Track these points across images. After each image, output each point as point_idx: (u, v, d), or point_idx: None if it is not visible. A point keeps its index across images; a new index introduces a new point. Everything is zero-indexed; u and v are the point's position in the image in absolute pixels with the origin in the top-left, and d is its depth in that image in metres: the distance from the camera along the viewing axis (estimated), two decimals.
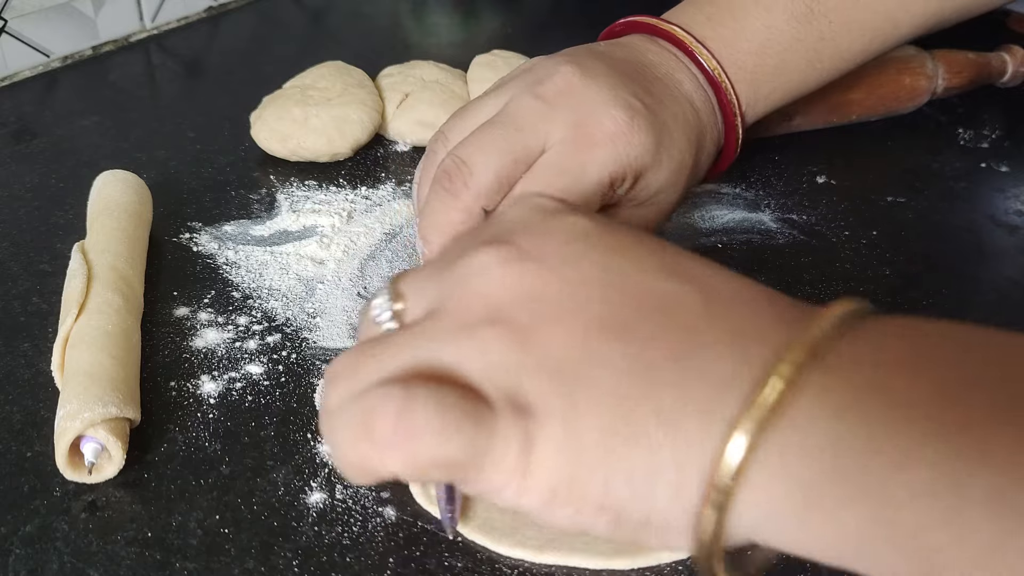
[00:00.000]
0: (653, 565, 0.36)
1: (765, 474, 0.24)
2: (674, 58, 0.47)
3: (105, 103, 0.69)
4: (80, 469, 0.38)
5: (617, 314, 0.27)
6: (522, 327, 0.27)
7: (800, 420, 0.24)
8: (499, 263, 0.28)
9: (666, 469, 0.25)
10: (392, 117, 0.64)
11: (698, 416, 0.25)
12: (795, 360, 0.24)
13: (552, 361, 0.26)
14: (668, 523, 0.26)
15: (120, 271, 0.46)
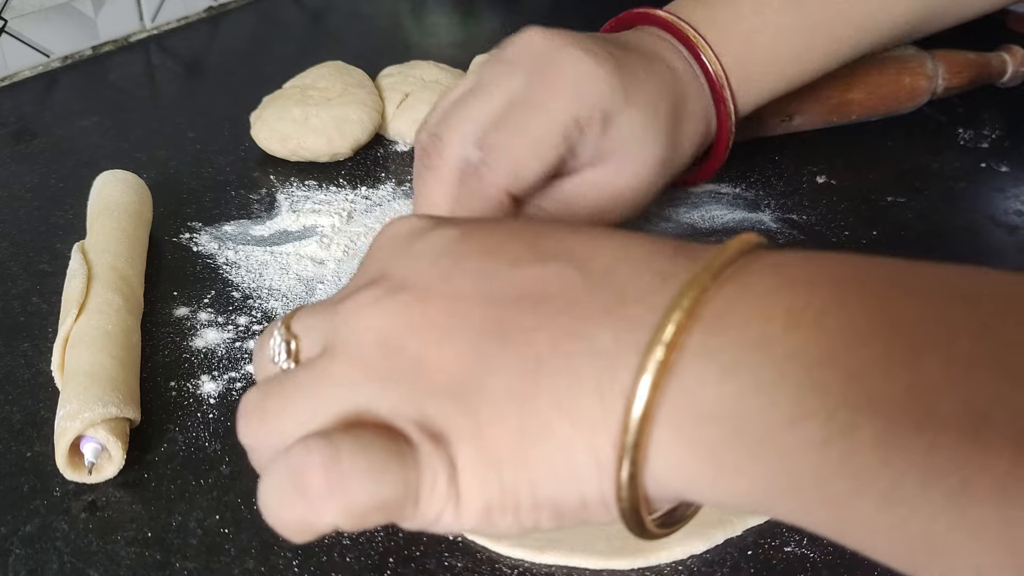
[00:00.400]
0: (653, 565, 0.36)
1: (666, 439, 0.24)
2: (660, 39, 0.47)
3: (105, 103, 0.69)
4: (80, 469, 0.38)
5: (498, 317, 0.27)
6: (413, 357, 0.27)
7: (690, 383, 0.24)
8: (376, 300, 0.28)
9: (581, 454, 0.25)
10: (392, 117, 0.64)
11: (593, 396, 0.25)
12: (676, 321, 0.24)
13: (448, 382, 0.27)
14: (603, 499, 0.26)
15: (120, 271, 0.46)
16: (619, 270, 0.27)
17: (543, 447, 0.26)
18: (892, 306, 0.22)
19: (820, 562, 0.37)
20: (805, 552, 0.37)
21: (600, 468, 0.25)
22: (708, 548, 0.37)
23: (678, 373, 0.24)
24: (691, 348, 0.24)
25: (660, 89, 0.44)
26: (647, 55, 0.45)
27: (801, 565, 0.36)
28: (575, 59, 0.41)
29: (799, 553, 0.37)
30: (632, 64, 0.43)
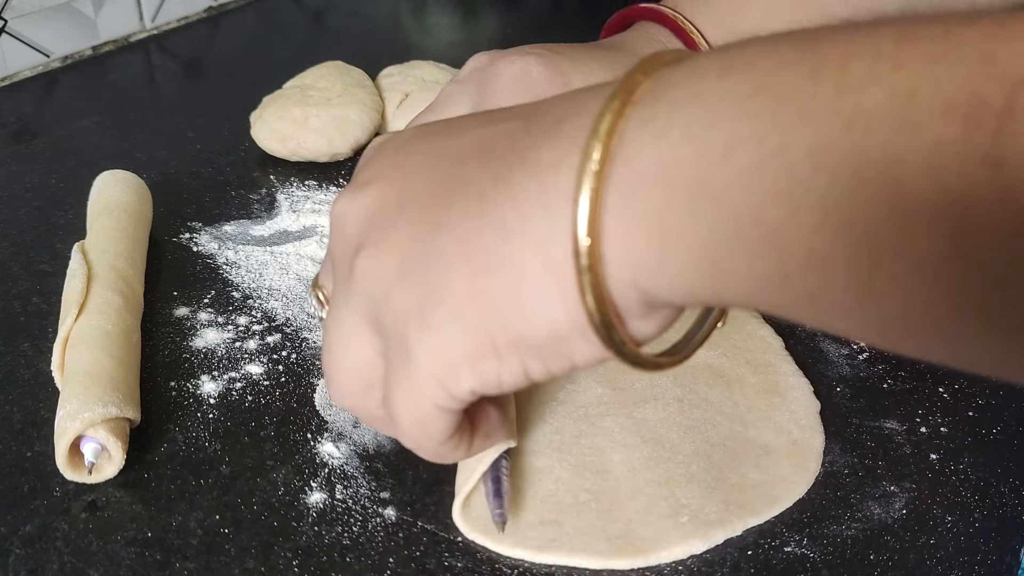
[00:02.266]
0: (653, 565, 0.36)
1: (615, 224, 0.24)
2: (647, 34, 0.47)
3: (105, 103, 0.69)
4: (80, 469, 0.38)
5: (443, 176, 0.28)
6: (375, 245, 0.29)
7: (630, 155, 0.24)
8: (347, 206, 0.30)
9: (536, 276, 0.26)
10: (392, 117, 0.64)
11: (538, 210, 0.25)
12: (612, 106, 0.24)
13: (405, 257, 0.28)
14: (574, 325, 0.26)
15: (120, 271, 0.46)
16: (558, 105, 0.28)
17: (497, 278, 0.26)
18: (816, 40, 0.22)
19: (820, 562, 0.37)
20: (805, 552, 0.37)
21: (560, 284, 0.25)
22: (708, 548, 0.37)
23: (619, 155, 0.24)
24: (628, 131, 0.24)
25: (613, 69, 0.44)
26: (612, 47, 0.46)
27: (801, 565, 0.36)
28: (509, 63, 0.42)
29: (799, 553, 0.37)
30: (579, 57, 0.44)
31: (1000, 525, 0.38)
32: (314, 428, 0.42)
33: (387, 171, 0.30)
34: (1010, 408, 0.44)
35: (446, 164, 0.29)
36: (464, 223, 0.27)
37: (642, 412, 0.43)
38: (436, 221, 0.28)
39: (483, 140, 0.28)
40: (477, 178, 0.27)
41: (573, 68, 0.43)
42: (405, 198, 0.29)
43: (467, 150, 0.28)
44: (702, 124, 0.23)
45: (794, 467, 0.40)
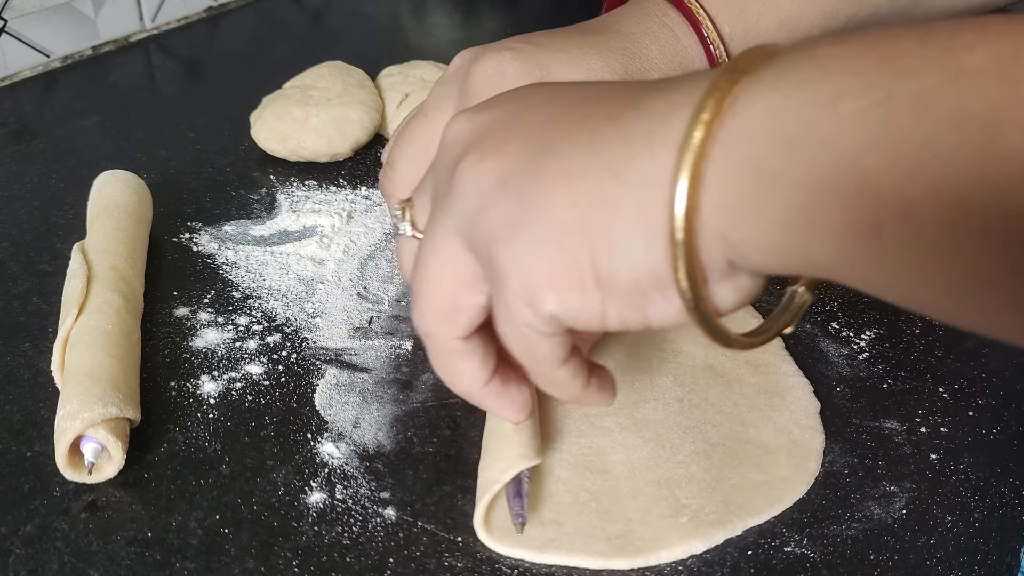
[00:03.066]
0: (653, 565, 0.36)
1: (716, 170, 0.25)
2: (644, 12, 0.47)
3: (105, 103, 0.69)
4: (80, 469, 0.38)
5: (558, 110, 0.30)
6: (479, 154, 0.30)
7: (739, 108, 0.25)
8: (461, 122, 0.32)
9: (631, 217, 0.26)
10: (392, 117, 0.64)
11: (644, 153, 0.26)
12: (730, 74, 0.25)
13: (507, 173, 0.29)
14: (656, 277, 0.27)
15: (120, 271, 0.46)
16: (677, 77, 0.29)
17: (595, 212, 0.27)
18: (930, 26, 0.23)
19: (820, 562, 0.37)
20: (805, 552, 0.37)
21: (651, 232, 0.26)
22: (708, 548, 0.37)
23: (730, 111, 0.25)
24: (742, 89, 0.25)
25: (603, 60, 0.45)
26: (599, 29, 0.46)
27: (801, 565, 0.36)
28: (484, 64, 0.43)
29: (799, 553, 0.37)
30: (560, 46, 0.44)
31: (1000, 525, 0.38)
32: (314, 428, 0.42)
33: (506, 101, 0.32)
34: (1010, 408, 0.44)
35: (564, 101, 0.30)
36: (572, 153, 0.28)
37: (642, 412, 0.43)
38: (545, 145, 0.28)
39: (602, 88, 0.30)
40: (590, 115, 0.28)
41: (552, 59, 0.43)
42: (519, 120, 0.30)
43: (585, 94, 0.30)
44: (812, 76, 0.24)
45: (794, 467, 0.40)
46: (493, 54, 0.43)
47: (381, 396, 0.44)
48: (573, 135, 0.28)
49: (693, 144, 0.25)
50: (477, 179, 0.29)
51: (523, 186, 0.28)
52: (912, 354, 0.47)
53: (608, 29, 0.46)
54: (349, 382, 0.45)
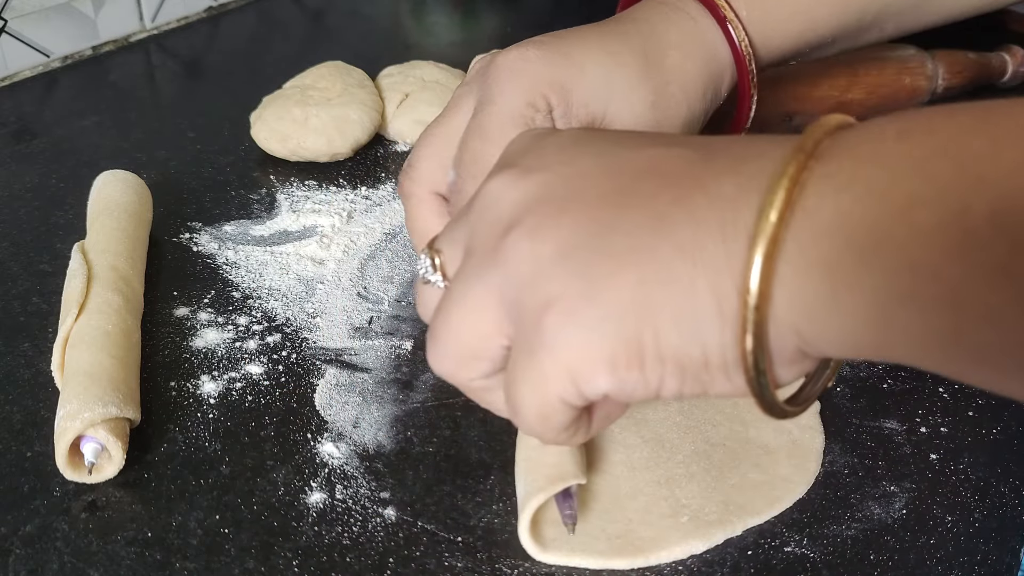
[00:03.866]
0: (653, 565, 0.36)
1: (790, 269, 0.25)
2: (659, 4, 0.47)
3: (105, 103, 0.69)
4: (80, 469, 0.38)
5: (618, 186, 0.29)
6: (532, 227, 0.29)
7: (810, 204, 0.25)
8: (506, 186, 0.30)
9: (703, 299, 0.26)
10: (392, 117, 0.64)
11: (716, 239, 0.26)
12: (796, 158, 0.25)
13: (565, 247, 0.28)
14: (724, 358, 0.27)
15: (120, 271, 0.46)
16: (735, 145, 0.29)
17: (665, 292, 0.26)
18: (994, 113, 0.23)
19: (820, 562, 0.37)
20: (805, 552, 0.37)
21: (722, 316, 0.26)
22: (708, 548, 0.37)
23: (799, 204, 0.25)
24: (810, 182, 0.25)
25: (621, 43, 0.45)
26: (621, 22, 0.46)
27: (801, 565, 0.36)
28: (506, 57, 0.43)
29: (799, 553, 0.37)
30: (583, 37, 0.45)
31: (1000, 525, 0.38)
32: (314, 428, 0.42)
33: (555, 165, 0.30)
34: (1010, 408, 0.44)
35: (621, 175, 0.29)
36: (639, 233, 0.27)
37: (642, 412, 0.43)
38: (607, 224, 0.28)
39: (659, 160, 0.29)
40: (654, 194, 0.28)
41: (575, 48, 0.43)
42: (574, 195, 0.29)
43: (643, 167, 0.29)
44: (884, 182, 0.24)
45: (794, 467, 0.40)
46: (514, 48, 0.43)
47: (381, 396, 0.44)
48: (638, 214, 0.27)
49: (764, 240, 0.25)
50: (534, 249, 0.28)
51: (586, 261, 0.27)
52: None
53: (624, 20, 0.47)
54: (349, 382, 0.45)
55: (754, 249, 0.25)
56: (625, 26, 0.46)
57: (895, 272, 0.23)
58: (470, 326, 0.30)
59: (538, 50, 0.43)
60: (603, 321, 0.27)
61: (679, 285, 0.26)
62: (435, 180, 0.43)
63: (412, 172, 0.44)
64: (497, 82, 0.42)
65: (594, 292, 0.27)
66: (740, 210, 0.26)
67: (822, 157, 0.25)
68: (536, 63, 0.43)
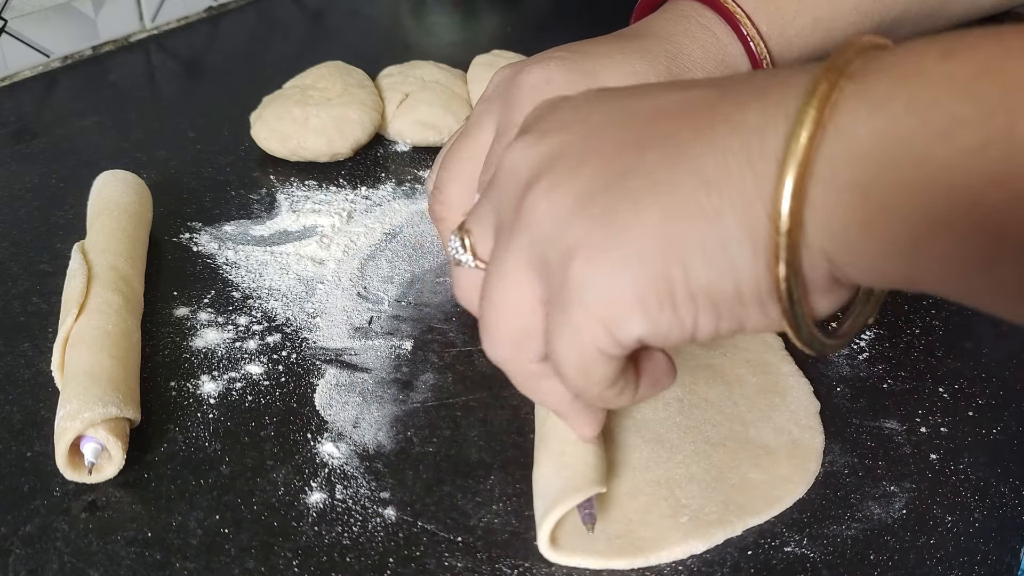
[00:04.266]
0: (653, 565, 0.36)
1: (821, 190, 0.24)
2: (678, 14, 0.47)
3: (105, 103, 0.69)
4: (80, 469, 0.38)
5: (634, 130, 0.28)
6: (550, 182, 0.28)
7: (843, 123, 0.24)
8: (524, 149, 0.30)
9: (732, 230, 0.25)
10: (392, 117, 0.64)
11: (743, 166, 0.25)
12: (828, 78, 0.24)
13: (582, 196, 0.27)
14: (758, 289, 0.26)
15: (120, 271, 0.46)
16: (755, 76, 0.28)
17: (691, 225, 0.26)
18: None
19: (820, 562, 0.37)
20: (805, 552, 0.37)
21: (754, 244, 0.25)
22: (708, 548, 0.37)
23: (831, 124, 0.24)
24: (842, 101, 0.24)
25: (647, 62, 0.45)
26: (639, 35, 0.46)
27: (801, 565, 0.36)
28: (528, 76, 0.43)
29: (799, 553, 0.37)
30: (605, 52, 0.44)
31: (1000, 525, 0.38)
32: (314, 428, 0.42)
33: (569, 124, 0.30)
34: (1010, 408, 0.44)
35: (636, 120, 0.28)
36: (659, 169, 0.27)
37: (641, 412, 0.43)
38: (626, 168, 0.27)
39: (677, 102, 0.28)
40: (674, 132, 0.27)
41: (597, 64, 0.43)
42: (590, 148, 0.28)
43: (659, 110, 0.28)
44: (924, 101, 0.23)
45: (794, 467, 0.40)
46: (536, 64, 0.43)
47: (381, 396, 0.44)
48: (657, 154, 0.27)
49: (795, 162, 0.24)
50: (552, 204, 0.28)
51: (606, 205, 0.27)
52: (912, 354, 0.47)
53: (647, 34, 0.46)
54: (349, 382, 0.45)
55: (784, 172, 0.24)
56: (648, 43, 0.45)
57: (933, 196, 0.22)
58: (514, 301, 0.30)
59: (561, 69, 0.43)
60: (628, 262, 0.26)
61: (705, 217, 0.26)
62: (465, 202, 0.43)
63: (441, 196, 0.44)
64: (519, 104, 0.42)
65: (615, 234, 0.27)
66: (767, 135, 0.25)
67: (855, 76, 0.24)
68: (559, 84, 0.42)
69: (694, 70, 0.45)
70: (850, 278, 0.25)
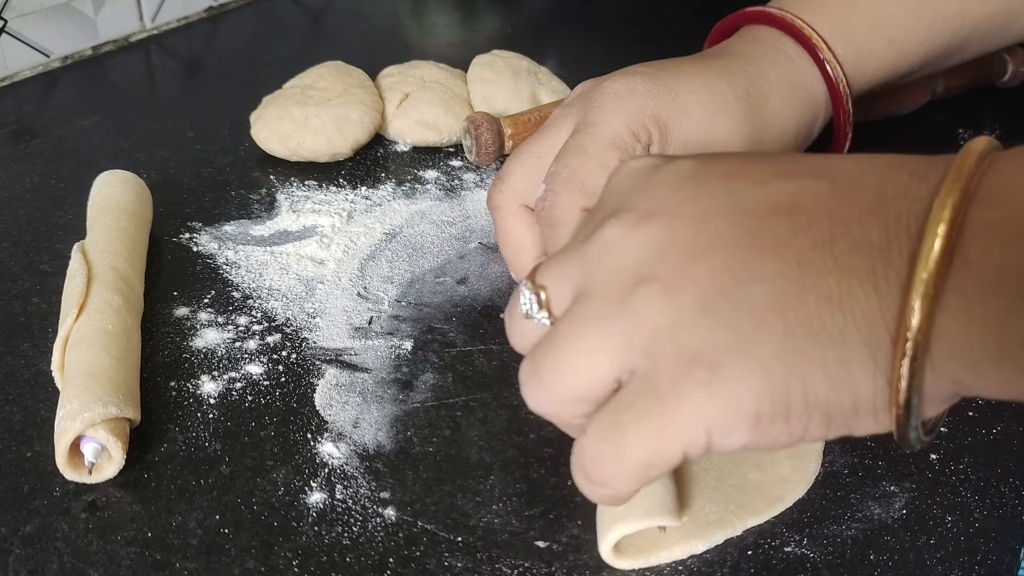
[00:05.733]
0: (653, 565, 0.36)
1: (951, 320, 0.24)
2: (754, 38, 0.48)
3: (105, 103, 0.69)
4: (80, 469, 0.38)
5: (749, 230, 0.27)
6: (665, 279, 0.28)
7: (972, 256, 0.24)
8: (626, 231, 0.29)
9: (855, 350, 0.25)
10: (392, 117, 0.64)
11: (867, 287, 0.25)
12: (951, 201, 0.24)
13: (704, 300, 0.27)
14: (875, 402, 0.26)
15: (120, 271, 0.46)
16: (867, 176, 0.27)
17: (814, 344, 0.26)
18: None
19: (820, 562, 0.37)
20: (805, 552, 0.37)
21: (875, 364, 0.25)
22: (708, 548, 0.37)
23: (960, 251, 0.24)
24: (970, 225, 0.24)
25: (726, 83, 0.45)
26: (718, 55, 0.47)
27: (801, 565, 0.36)
28: (613, 84, 0.44)
29: (799, 553, 0.37)
30: (685, 70, 0.45)
31: (1000, 525, 0.38)
32: (314, 428, 0.42)
33: (675, 206, 0.29)
34: (1010, 408, 0.44)
35: (750, 216, 0.28)
36: (781, 281, 0.26)
37: None
38: (744, 273, 0.27)
39: (788, 196, 0.28)
40: (790, 238, 0.27)
41: (678, 81, 0.44)
42: (703, 241, 0.28)
43: (771, 204, 0.28)
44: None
45: (794, 467, 0.40)
46: (620, 75, 0.44)
47: (381, 396, 0.44)
48: (776, 262, 0.26)
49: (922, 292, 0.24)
50: (667, 305, 0.27)
51: (728, 314, 0.26)
52: None
53: (725, 54, 0.47)
54: (349, 382, 0.45)
55: (911, 300, 0.24)
56: (728, 63, 0.46)
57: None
58: (586, 371, 0.29)
59: (644, 82, 0.43)
60: (749, 375, 0.26)
61: (828, 336, 0.25)
62: (525, 193, 0.44)
63: (502, 185, 0.44)
64: (602, 107, 0.43)
65: (739, 346, 0.26)
66: (891, 257, 0.25)
67: (980, 198, 0.24)
68: (642, 95, 0.43)
69: (771, 92, 0.46)
70: (974, 393, 0.25)
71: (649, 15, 0.85)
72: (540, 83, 0.66)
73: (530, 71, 0.67)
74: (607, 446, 0.28)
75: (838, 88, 0.48)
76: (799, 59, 0.47)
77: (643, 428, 0.27)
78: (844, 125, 0.49)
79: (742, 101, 0.45)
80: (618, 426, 0.28)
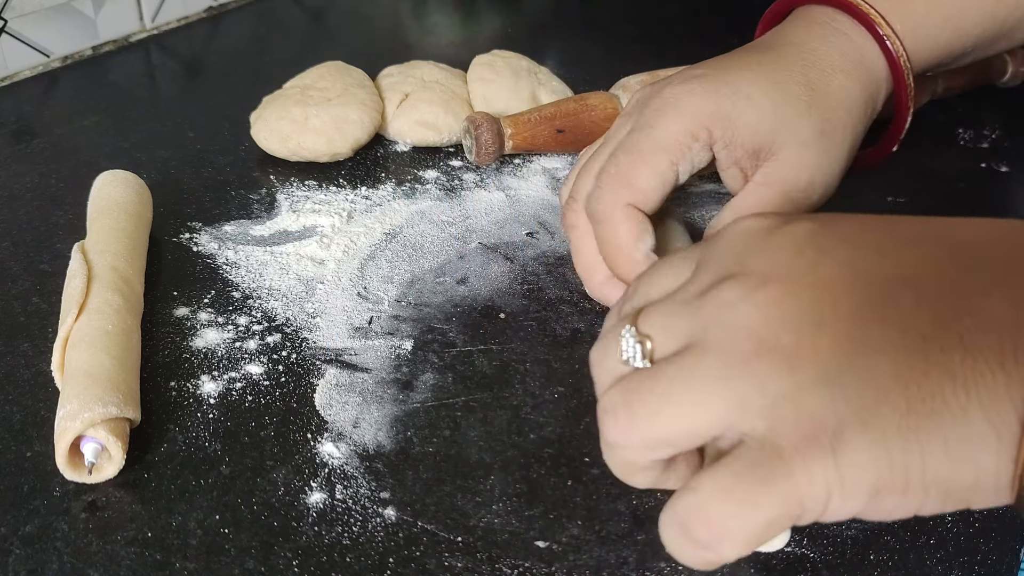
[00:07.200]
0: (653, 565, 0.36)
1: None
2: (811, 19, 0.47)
3: (105, 103, 0.69)
4: (80, 469, 0.38)
5: (872, 300, 0.27)
6: (789, 348, 0.27)
7: None
8: (746, 294, 0.29)
9: (978, 426, 0.25)
10: (392, 117, 0.64)
11: (993, 366, 0.25)
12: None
13: (825, 370, 0.27)
14: (997, 480, 0.26)
15: (120, 271, 0.46)
16: (992, 246, 0.27)
17: (936, 420, 0.25)
18: None
19: (820, 562, 0.37)
20: (805, 552, 0.37)
21: (1000, 442, 0.25)
22: None
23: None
24: None
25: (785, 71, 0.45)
26: (772, 46, 0.47)
27: (801, 565, 0.36)
28: (671, 90, 0.44)
29: (799, 553, 0.37)
30: (744, 64, 0.45)
31: (1000, 525, 0.38)
32: (314, 428, 0.42)
33: (796, 272, 0.29)
34: None
35: (870, 285, 0.28)
36: (905, 356, 0.26)
37: None
38: (867, 345, 0.27)
39: (910, 266, 0.28)
40: (913, 311, 0.27)
41: (740, 77, 0.44)
42: (826, 311, 0.27)
43: (892, 274, 0.28)
44: None
45: None
46: (679, 79, 0.44)
47: (381, 396, 0.44)
48: (899, 336, 0.26)
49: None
50: (790, 374, 0.27)
51: (851, 386, 0.26)
52: None
53: (780, 43, 0.47)
54: (349, 382, 0.45)
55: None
56: (784, 51, 0.46)
57: None
58: (689, 421, 0.28)
59: (702, 83, 0.44)
60: (869, 449, 0.26)
61: (951, 413, 0.25)
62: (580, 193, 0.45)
63: (575, 204, 0.45)
64: (658, 112, 0.43)
65: (861, 419, 0.26)
66: (1019, 338, 0.25)
67: None
68: (700, 96, 0.43)
69: (833, 74, 0.46)
70: None
71: (649, 15, 0.85)
72: (540, 83, 0.66)
73: (530, 71, 0.67)
74: (728, 506, 0.27)
75: (899, 63, 0.47)
76: (857, 36, 0.47)
77: (771, 490, 0.27)
78: (906, 101, 0.49)
79: (804, 86, 0.45)
80: (741, 485, 0.27)
